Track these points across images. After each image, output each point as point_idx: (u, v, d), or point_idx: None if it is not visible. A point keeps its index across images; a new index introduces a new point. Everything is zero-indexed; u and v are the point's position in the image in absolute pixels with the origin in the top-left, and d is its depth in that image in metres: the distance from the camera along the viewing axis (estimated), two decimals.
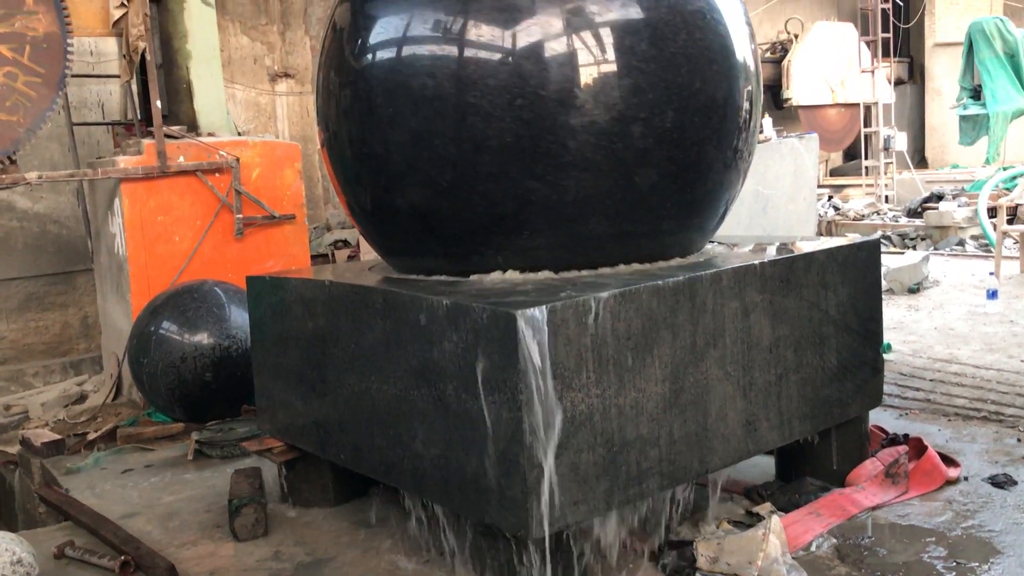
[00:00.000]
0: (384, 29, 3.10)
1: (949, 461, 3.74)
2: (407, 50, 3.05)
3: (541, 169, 2.93)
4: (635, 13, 2.99)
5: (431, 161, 2.99)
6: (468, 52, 2.93)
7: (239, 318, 5.00)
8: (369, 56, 3.13)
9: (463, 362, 2.70)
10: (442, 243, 3.16)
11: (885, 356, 4.67)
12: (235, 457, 4.48)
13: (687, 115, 3.06)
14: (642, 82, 2.95)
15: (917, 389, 4.95)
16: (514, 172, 2.93)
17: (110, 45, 7.25)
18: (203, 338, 4.98)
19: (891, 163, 15.05)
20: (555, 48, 2.90)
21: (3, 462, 5.64)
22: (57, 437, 5.01)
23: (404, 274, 3.42)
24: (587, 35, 2.94)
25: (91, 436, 5.10)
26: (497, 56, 2.91)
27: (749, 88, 3.30)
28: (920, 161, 18.59)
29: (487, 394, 2.63)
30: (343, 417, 3.32)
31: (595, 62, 2.93)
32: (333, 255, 8.64)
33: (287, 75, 10.20)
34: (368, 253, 7.11)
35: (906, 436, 3.91)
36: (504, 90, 2.88)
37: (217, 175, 6.03)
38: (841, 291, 3.49)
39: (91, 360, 7.34)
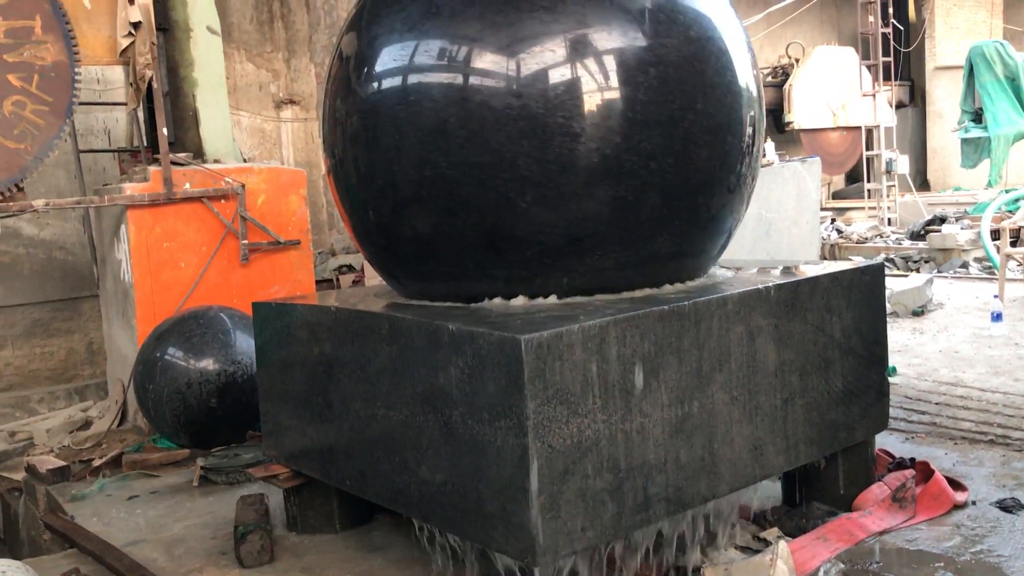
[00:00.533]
0: (409, 54, 3.12)
1: (956, 485, 3.73)
2: (429, 76, 3.07)
3: (623, 189, 2.98)
4: (641, 43, 3.01)
5: (512, 183, 2.93)
6: (553, 76, 2.93)
7: (244, 344, 5.01)
8: (376, 84, 3.16)
9: (469, 388, 2.71)
10: (506, 266, 3.09)
11: (890, 379, 4.66)
12: (241, 483, 4.47)
13: (695, 141, 3.08)
14: (648, 107, 2.97)
15: (923, 412, 4.94)
16: (599, 192, 2.96)
17: (117, 73, 7.31)
18: (208, 364, 4.99)
19: (893, 186, 15.09)
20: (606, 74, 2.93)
21: (8, 489, 5.63)
22: (62, 464, 5.01)
23: (409, 299, 3.43)
24: (599, 63, 2.97)
25: (96, 463, 5.09)
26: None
27: (752, 113, 3.33)
28: (922, 184, 18.64)
29: (493, 420, 2.63)
30: (349, 443, 3.32)
31: (598, 88, 2.95)
32: (338, 280, 8.66)
33: (292, 102, 10.27)
34: (372, 279, 7.13)
35: (913, 460, 3.90)
36: (598, 111, 2.92)
37: (223, 201, 6.06)
38: (846, 315, 3.50)
39: (96, 386, 7.34)
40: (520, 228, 2.99)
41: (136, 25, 5.62)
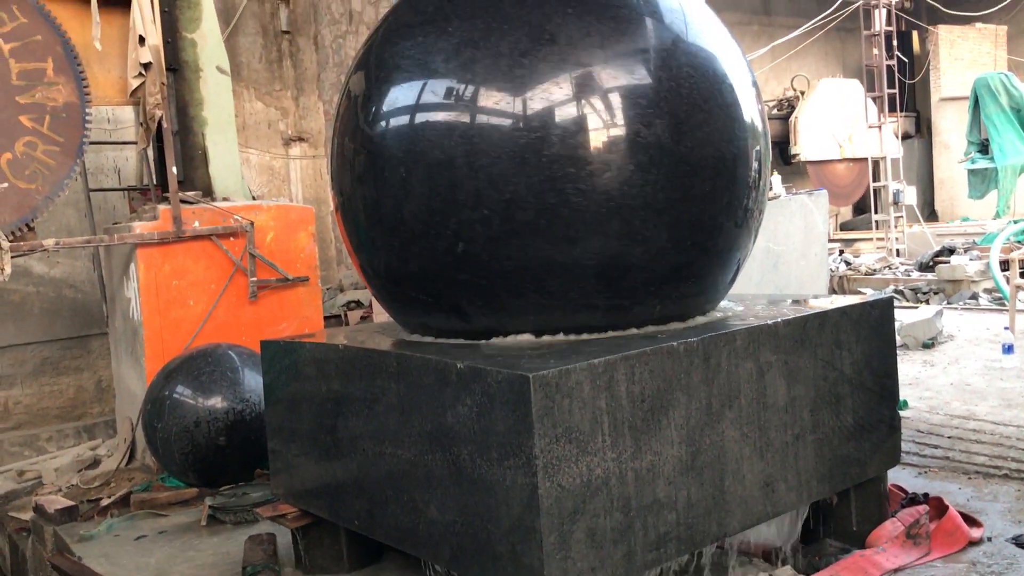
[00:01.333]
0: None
1: (971, 521, 3.68)
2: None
3: (630, 225, 3.01)
4: (645, 79, 3.03)
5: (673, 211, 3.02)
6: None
7: (253, 381, 5.01)
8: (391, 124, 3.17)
9: (477, 426, 2.70)
10: (614, 295, 3.08)
11: (902, 413, 4.63)
12: (249, 523, 4.44)
13: (700, 177, 3.09)
14: (655, 145, 2.98)
15: (935, 446, 4.89)
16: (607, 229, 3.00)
17: (127, 112, 7.37)
18: (217, 402, 4.98)
19: (901, 217, 15.08)
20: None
21: (16, 529, 5.61)
22: (70, 503, 4.99)
23: (416, 335, 3.42)
24: (598, 99, 2.98)
25: (104, 502, 5.08)
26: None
27: (758, 148, 3.34)
28: (930, 214, 18.63)
29: (502, 459, 2.61)
30: (357, 482, 3.30)
31: (604, 126, 2.97)
32: (346, 316, 8.67)
33: (301, 139, 10.34)
34: (381, 314, 7.13)
35: (926, 495, 3.86)
36: (604, 148, 2.97)
37: (232, 239, 6.08)
38: (855, 349, 3.48)
39: (105, 424, 7.34)
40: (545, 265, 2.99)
41: (146, 66, 5.68)
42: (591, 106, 2.96)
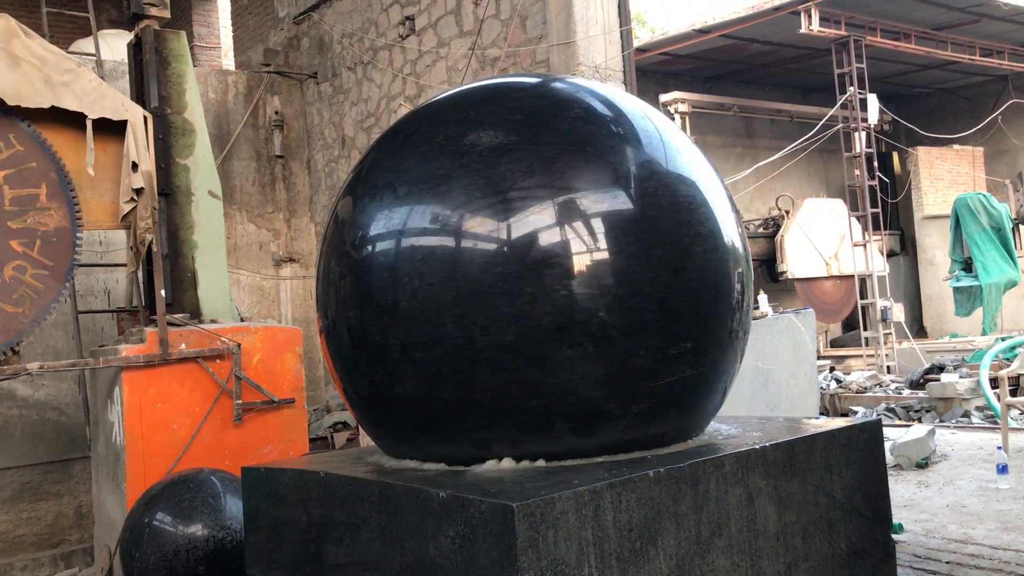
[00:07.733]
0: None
1: None
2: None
3: (616, 350, 2.96)
4: (626, 208, 3.08)
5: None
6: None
7: (234, 508, 4.88)
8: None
9: (460, 558, 2.62)
10: (598, 421, 3.08)
11: (897, 537, 4.52)
12: None
13: (682, 301, 3.10)
14: (636, 272, 3.01)
15: (933, 572, 4.76)
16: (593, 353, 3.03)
17: (119, 234, 7.45)
18: (197, 529, 4.84)
19: (890, 333, 15.13)
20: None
21: None
22: None
23: (398, 461, 3.37)
24: (580, 228, 3.02)
25: None
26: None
27: (740, 271, 3.36)
28: (919, 331, 18.72)
29: None
30: None
31: (586, 252, 3.00)
32: (332, 438, 8.55)
33: (292, 260, 10.44)
34: (367, 437, 7.04)
35: None
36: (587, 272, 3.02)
37: (218, 361, 6.05)
38: (846, 473, 3.43)
39: (83, 552, 7.13)
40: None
41: (139, 191, 5.76)
42: (573, 234, 2.99)
